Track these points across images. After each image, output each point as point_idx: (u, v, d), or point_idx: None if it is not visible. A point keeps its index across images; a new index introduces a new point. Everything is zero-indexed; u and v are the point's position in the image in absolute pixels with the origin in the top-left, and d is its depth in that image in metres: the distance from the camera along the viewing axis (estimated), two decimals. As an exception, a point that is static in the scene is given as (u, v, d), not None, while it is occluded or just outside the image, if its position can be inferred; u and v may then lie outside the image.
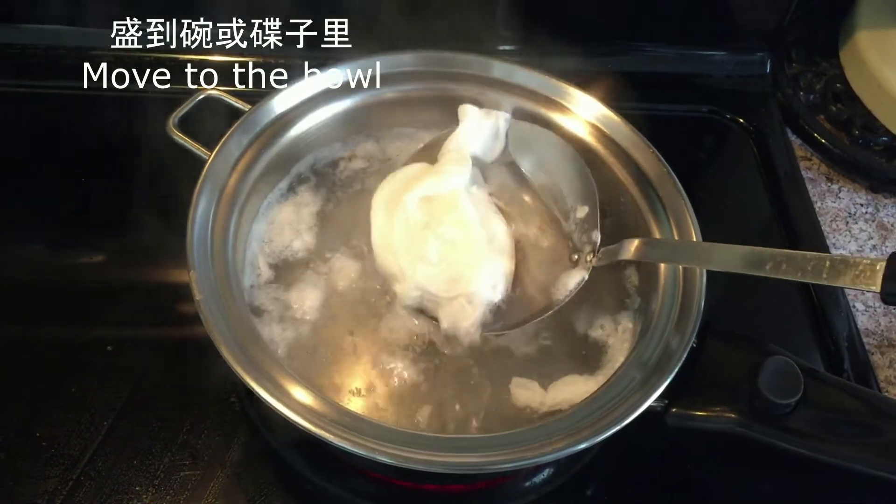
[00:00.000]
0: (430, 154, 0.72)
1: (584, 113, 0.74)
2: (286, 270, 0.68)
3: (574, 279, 0.67)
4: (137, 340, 0.73)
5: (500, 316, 0.67)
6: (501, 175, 0.74)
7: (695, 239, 0.65)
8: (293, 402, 0.55)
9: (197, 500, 0.65)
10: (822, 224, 0.90)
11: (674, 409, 0.59)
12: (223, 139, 0.67)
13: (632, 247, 0.65)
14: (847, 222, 0.92)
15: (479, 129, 0.72)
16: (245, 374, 0.55)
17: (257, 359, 0.57)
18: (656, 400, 0.57)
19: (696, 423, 0.59)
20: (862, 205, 0.93)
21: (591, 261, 0.68)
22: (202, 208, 0.63)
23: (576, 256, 0.69)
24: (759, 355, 0.59)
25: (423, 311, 0.66)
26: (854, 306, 0.83)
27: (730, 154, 0.96)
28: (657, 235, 0.68)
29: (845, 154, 0.95)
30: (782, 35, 0.99)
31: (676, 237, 0.66)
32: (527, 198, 0.73)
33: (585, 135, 0.74)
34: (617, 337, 0.68)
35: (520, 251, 0.70)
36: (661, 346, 0.61)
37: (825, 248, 0.87)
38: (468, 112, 0.72)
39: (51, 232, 0.80)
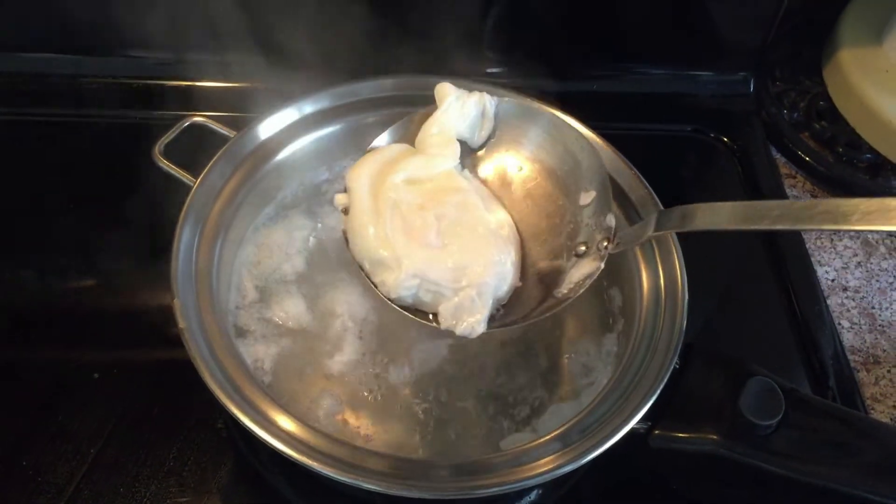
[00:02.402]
0: (405, 135, 0.66)
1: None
2: (272, 292, 0.69)
3: (584, 270, 0.61)
4: (124, 366, 0.73)
5: (506, 312, 0.62)
6: (493, 159, 0.68)
7: (678, 263, 0.65)
8: (277, 429, 0.55)
9: (184, 527, 0.65)
10: (807, 241, 0.90)
11: (657, 431, 0.60)
12: (207, 168, 0.67)
13: (659, 220, 0.58)
14: (832, 239, 0.92)
15: (462, 108, 0.65)
16: (229, 401, 0.55)
17: (241, 386, 0.57)
18: (639, 422, 0.58)
19: (678, 444, 0.59)
20: (847, 222, 0.94)
21: (606, 248, 0.60)
22: (186, 237, 0.64)
23: (583, 248, 0.62)
24: (740, 376, 0.59)
25: (415, 307, 0.61)
26: (839, 323, 0.84)
27: (714, 173, 0.96)
28: (641, 260, 0.68)
29: (829, 171, 0.96)
30: (765, 54, 0.99)
31: (659, 261, 0.67)
32: (525, 183, 0.67)
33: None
34: (601, 359, 0.68)
35: (521, 241, 0.65)
36: (643, 368, 0.61)
37: (810, 266, 0.87)
38: (447, 90, 0.65)
39: (37, 258, 0.81)
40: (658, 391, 0.58)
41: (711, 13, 0.93)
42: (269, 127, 0.71)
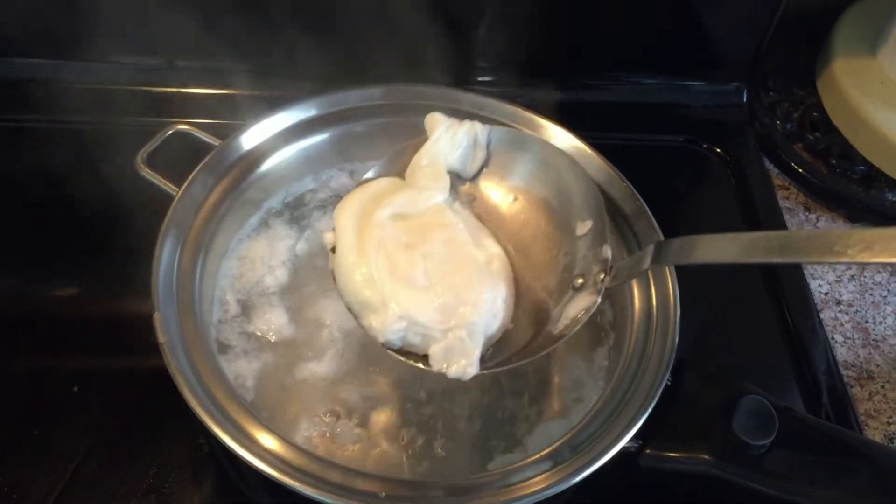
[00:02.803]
0: (397, 166, 0.64)
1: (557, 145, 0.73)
2: (255, 305, 0.68)
3: (580, 305, 0.58)
4: (104, 378, 0.72)
5: (497, 350, 0.59)
6: (486, 190, 0.65)
7: (671, 278, 0.64)
8: (259, 448, 0.54)
9: (164, 546, 0.64)
10: (801, 254, 0.89)
11: (648, 451, 0.58)
12: (189, 178, 0.66)
13: (657, 252, 0.54)
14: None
15: (452, 139, 0.62)
16: (209, 419, 0.54)
17: (223, 404, 0.56)
18: (630, 440, 0.57)
19: (670, 464, 0.58)
20: (840, 234, 0.93)
21: (603, 281, 0.58)
22: (168, 249, 0.62)
23: (580, 281, 0.59)
24: (733, 395, 0.58)
25: (405, 350, 0.57)
26: (833, 338, 0.83)
27: (707, 183, 0.95)
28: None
29: (823, 183, 0.95)
30: (759, 65, 0.99)
31: (650, 276, 0.65)
32: (518, 215, 0.64)
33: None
34: (591, 375, 0.67)
35: (515, 275, 0.62)
36: (635, 385, 0.60)
37: (803, 279, 0.86)
38: (438, 120, 0.63)
39: (17, 265, 0.79)
40: (650, 409, 0.57)
41: (705, 23, 0.92)
42: (254, 135, 0.70)
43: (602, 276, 0.57)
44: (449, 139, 0.62)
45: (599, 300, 0.57)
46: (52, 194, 0.82)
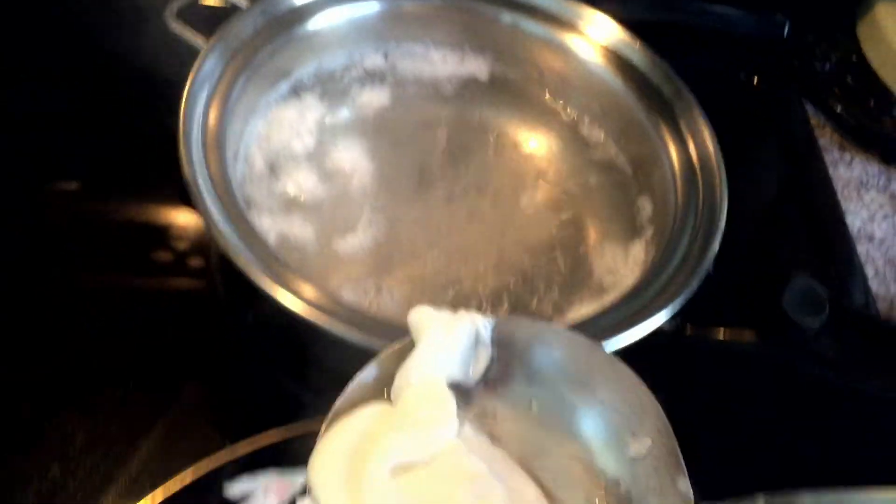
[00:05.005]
0: (375, 386, 0.43)
1: (598, 35, 0.70)
2: (282, 166, 0.65)
3: None
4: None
5: None
6: (493, 399, 0.45)
7: (716, 161, 0.62)
8: (289, 288, 0.51)
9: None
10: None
11: (691, 329, 0.56)
12: (220, 31, 0.63)
13: None
14: (859, 191, 0.89)
15: (449, 342, 0.44)
16: (241, 259, 0.51)
17: (251, 243, 0.53)
18: (672, 319, 0.54)
19: (713, 344, 0.55)
20: (874, 175, 0.91)
21: None
22: (195, 98, 0.59)
23: None
24: (782, 276, 0.55)
25: None
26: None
27: (743, 115, 0.93)
28: (675, 161, 0.65)
29: (859, 124, 0.93)
30: (802, 2, 0.96)
31: (696, 161, 0.63)
32: (538, 427, 0.45)
33: (599, 60, 0.70)
34: (627, 266, 0.64)
35: None
36: (676, 264, 0.57)
37: (840, 215, 0.84)
38: (426, 319, 0.44)
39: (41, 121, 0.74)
40: (695, 286, 0.55)
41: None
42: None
43: None
44: (444, 342, 0.44)
45: None
46: (74, 51, 0.78)
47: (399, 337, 0.42)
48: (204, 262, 0.65)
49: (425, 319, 0.43)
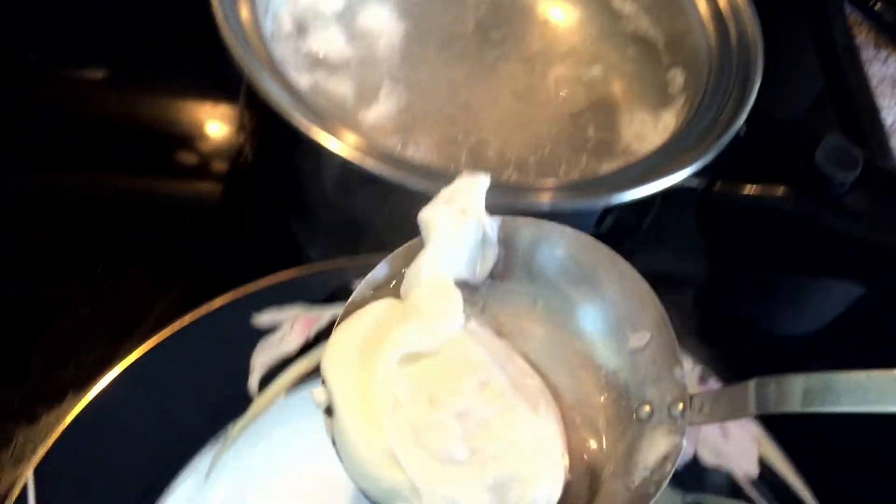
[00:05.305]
0: (387, 279, 0.45)
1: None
2: (309, 25, 0.64)
3: (658, 450, 0.41)
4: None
5: None
6: (500, 297, 0.47)
7: (752, 37, 0.60)
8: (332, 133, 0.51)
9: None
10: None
11: (719, 185, 0.55)
12: None
13: (774, 395, 0.38)
14: (893, 88, 0.88)
15: (456, 239, 0.45)
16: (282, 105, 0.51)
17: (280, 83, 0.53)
18: (701, 175, 0.53)
19: (743, 200, 0.55)
20: (910, 73, 0.89)
21: (683, 415, 0.41)
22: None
23: (647, 409, 0.43)
24: (813, 135, 0.55)
25: None
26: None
27: (784, 15, 0.91)
28: (711, 35, 0.63)
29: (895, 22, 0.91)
30: None
31: (733, 37, 0.62)
32: (543, 324, 0.47)
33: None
34: (657, 134, 0.64)
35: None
36: (707, 124, 0.57)
37: (876, 113, 0.83)
38: (435, 217, 0.45)
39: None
40: (725, 142, 0.54)
41: None
42: None
43: (681, 408, 0.42)
44: (452, 240, 0.45)
45: (684, 442, 0.41)
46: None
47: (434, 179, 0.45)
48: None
49: (435, 218, 0.45)
